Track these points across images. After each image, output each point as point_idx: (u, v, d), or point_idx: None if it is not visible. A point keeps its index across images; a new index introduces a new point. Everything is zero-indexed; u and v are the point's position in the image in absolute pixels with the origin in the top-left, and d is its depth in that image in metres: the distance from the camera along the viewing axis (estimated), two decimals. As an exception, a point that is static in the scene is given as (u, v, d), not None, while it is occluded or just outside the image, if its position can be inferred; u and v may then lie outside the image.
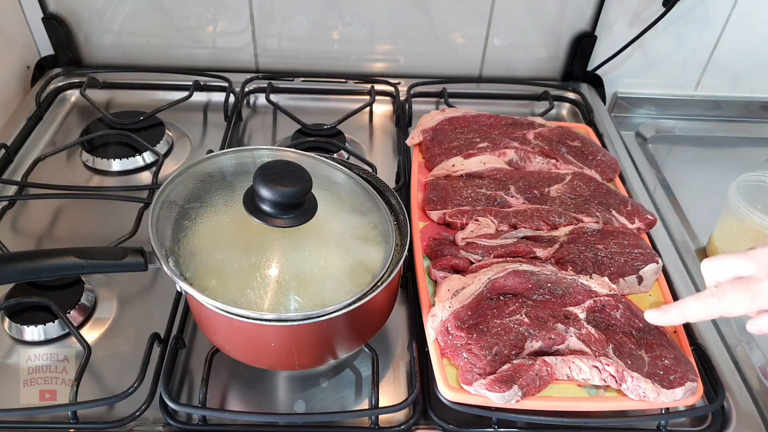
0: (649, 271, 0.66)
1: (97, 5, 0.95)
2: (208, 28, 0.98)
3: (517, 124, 0.86)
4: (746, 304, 0.49)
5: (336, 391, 0.60)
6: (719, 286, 0.50)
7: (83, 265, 0.51)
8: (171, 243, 0.53)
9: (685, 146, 1.01)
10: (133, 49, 1.00)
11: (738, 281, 0.49)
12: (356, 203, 0.59)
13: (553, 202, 0.73)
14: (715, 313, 0.50)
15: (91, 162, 0.84)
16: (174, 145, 0.89)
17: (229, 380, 0.60)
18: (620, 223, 0.72)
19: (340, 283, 0.52)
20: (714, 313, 0.50)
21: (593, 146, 0.84)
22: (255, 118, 0.96)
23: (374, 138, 0.94)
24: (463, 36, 1.00)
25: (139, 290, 0.68)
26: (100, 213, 0.77)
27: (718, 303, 0.49)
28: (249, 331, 0.53)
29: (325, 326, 0.51)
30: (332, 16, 0.97)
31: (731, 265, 0.50)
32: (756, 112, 1.06)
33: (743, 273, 0.49)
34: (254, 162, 0.59)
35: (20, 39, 0.96)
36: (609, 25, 0.98)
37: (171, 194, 0.56)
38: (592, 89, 1.03)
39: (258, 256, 0.53)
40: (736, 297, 0.49)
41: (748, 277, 0.48)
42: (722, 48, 0.99)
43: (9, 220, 0.75)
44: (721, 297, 0.49)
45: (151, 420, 0.56)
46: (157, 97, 0.95)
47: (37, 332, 0.62)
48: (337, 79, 1.00)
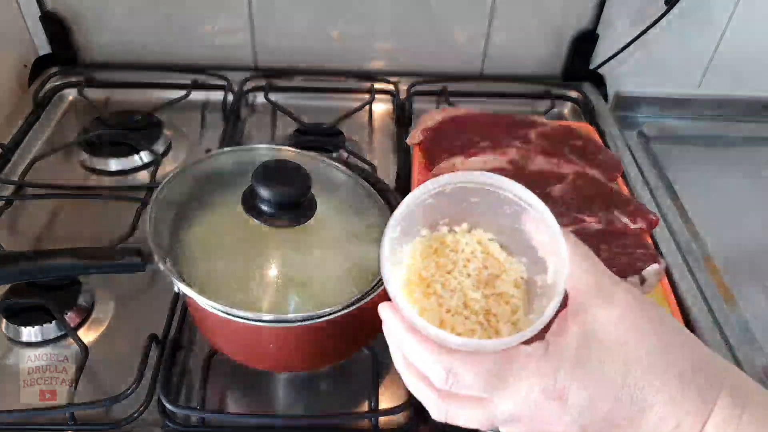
0: (652, 271, 0.65)
1: (95, 3, 0.95)
2: (206, 26, 0.97)
3: (518, 123, 0.85)
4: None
5: (335, 393, 0.60)
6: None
7: (81, 265, 0.51)
8: (169, 243, 0.52)
9: (688, 146, 1.00)
10: (131, 48, 0.99)
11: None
12: (356, 203, 0.59)
13: (554, 202, 0.73)
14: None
15: (88, 161, 0.83)
16: (172, 145, 0.88)
17: (228, 382, 0.60)
18: (622, 224, 0.72)
19: (340, 283, 0.52)
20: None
21: (595, 145, 0.83)
22: (254, 116, 0.96)
23: (374, 137, 0.93)
24: (464, 34, 0.99)
25: (137, 291, 0.68)
26: (98, 213, 0.77)
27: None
28: (247, 333, 0.52)
29: (325, 327, 0.51)
30: (332, 14, 0.97)
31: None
32: (759, 112, 1.05)
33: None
34: (253, 161, 0.58)
35: (17, 37, 0.96)
36: (611, 24, 0.97)
37: (169, 194, 0.55)
38: (594, 88, 1.02)
39: (257, 257, 0.52)
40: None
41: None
42: (725, 47, 0.99)
43: (6, 220, 0.74)
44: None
45: (150, 422, 0.56)
46: (155, 96, 0.95)
47: (35, 333, 0.61)
48: (337, 77, 1.00)
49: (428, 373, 0.36)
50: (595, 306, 0.35)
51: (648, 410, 0.33)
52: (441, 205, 0.40)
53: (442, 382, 0.35)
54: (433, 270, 0.40)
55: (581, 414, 0.34)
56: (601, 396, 0.33)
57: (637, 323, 0.35)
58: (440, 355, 0.35)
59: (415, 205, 0.39)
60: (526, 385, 0.34)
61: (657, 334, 0.35)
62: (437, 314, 0.38)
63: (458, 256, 0.40)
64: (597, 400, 0.33)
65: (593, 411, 0.34)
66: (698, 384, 0.33)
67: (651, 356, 0.34)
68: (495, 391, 0.34)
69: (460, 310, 0.38)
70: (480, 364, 0.34)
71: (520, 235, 0.39)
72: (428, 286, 0.39)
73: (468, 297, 0.38)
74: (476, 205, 0.40)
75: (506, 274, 0.40)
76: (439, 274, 0.39)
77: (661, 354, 0.34)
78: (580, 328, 0.35)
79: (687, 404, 0.33)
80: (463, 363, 0.34)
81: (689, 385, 0.33)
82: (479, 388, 0.35)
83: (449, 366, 0.34)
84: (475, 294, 0.38)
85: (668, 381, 0.33)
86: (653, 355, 0.34)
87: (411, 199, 0.39)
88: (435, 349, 0.35)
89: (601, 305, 0.35)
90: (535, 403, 0.34)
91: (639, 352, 0.34)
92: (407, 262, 0.40)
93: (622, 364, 0.33)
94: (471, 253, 0.40)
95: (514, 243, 0.41)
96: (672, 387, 0.33)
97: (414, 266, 0.40)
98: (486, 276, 0.39)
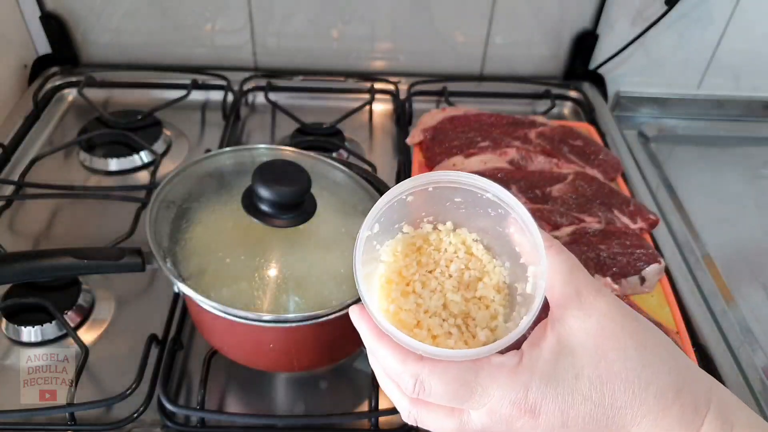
0: (652, 271, 0.65)
1: (95, 4, 0.94)
2: (206, 26, 0.97)
3: (518, 123, 0.85)
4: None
5: (335, 393, 0.60)
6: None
7: (80, 265, 0.51)
8: (169, 243, 0.52)
9: (688, 146, 1.00)
10: (130, 48, 0.99)
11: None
12: (356, 203, 0.59)
13: (554, 202, 0.73)
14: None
15: (88, 161, 0.83)
16: (172, 145, 0.88)
17: (228, 382, 0.60)
18: (622, 224, 0.72)
19: (340, 283, 0.52)
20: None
21: (595, 146, 0.83)
22: (253, 116, 0.96)
23: (374, 137, 0.93)
24: (464, 34, 0.99)
25: (137, 291, 0.68)
26: (98, 213, 0.76)
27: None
28: (247, 333, 0.52)
29: (325, 327, 0.51)
30: (332, 14, 0.96)
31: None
32: (758, 112, 1.05)
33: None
34: (253, 161, 0.58)
35: (17, 38, 0.96)
36: (611, 24, 0.97)
37: (169, 194, 0.55)
38: (594, 88, 1.02)
39: (256, 257, 0.52)
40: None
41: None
42: (725, 47, 0.99)
43: (6, 220, 0.74)
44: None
45: (149, 422, 0.56)
46: (155, 96, 0.95)
47: (35, 333, 0.61)
48: (337, 77, 1.00)
49: (396, 380, 0.34)
50: (573, 317, 0.33)
51: (626, 431, 0.32)
52: (425, 203, 0.39)
53: (409, 391, 0.33)
54: (415, 268, 0.38)
55: (553, 431, 0.32)
56: (575, 414, 0.32)
57: (618, 336, 0.33)
58: (407, 363, 0.33)
59: (394, 203, 0.38)
60: (496, 397, 0.32)
61: (638, 348, 0.33)
62: (414, 314, 0.37)
63: (441, 256, 0.39)
64: (570, 418, 0.32)
65: (566, 429, 0.32)
66: (682, 404, 0.32)
67: (630, 372, 0.32)
68: (464, 402, 0.33)
69: (439, 311, 0.37)
70: (448, 373, 0.32)
71: (503, 238, 0.38)
72: (408, 285, 0.38)
73: (447, 299, 0.37)
74: (460, 204, 0.39)
75: (488, 277, 0.38)
76: (420, 273, 0.38)
77: (641, 369, 0.32)
78: (556, 339, 0.33)
79: (668, 427, 0.32)
80: (431, 372, 0.33)
81: (671, 407, 0.32)
82: (448, 399, 0.33)
83: (416, 375, 0.33)
84: (455, 296, 0.37)
85: (647, 400, 0.31)
86: (633, 371, 0.32)
87: (388, 198, 0.37)
88: (402, 356, 0.33)
89: (580, 317, 0.33)
90: (505, 416, 0.32)
91: (617, 366, 0.32)
92: (387, 260, 0.39)
93: (599, 380, 0.32)
94: (454, 253, 0.39)
95: (498, 246, 0.39)
96: (652, 406, 0.31)
97: (395, 264, 0.38)
98: (468, 278, 0.38)
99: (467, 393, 0.32)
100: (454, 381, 0.32)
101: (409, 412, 0.35)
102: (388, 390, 0.36)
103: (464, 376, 0.32)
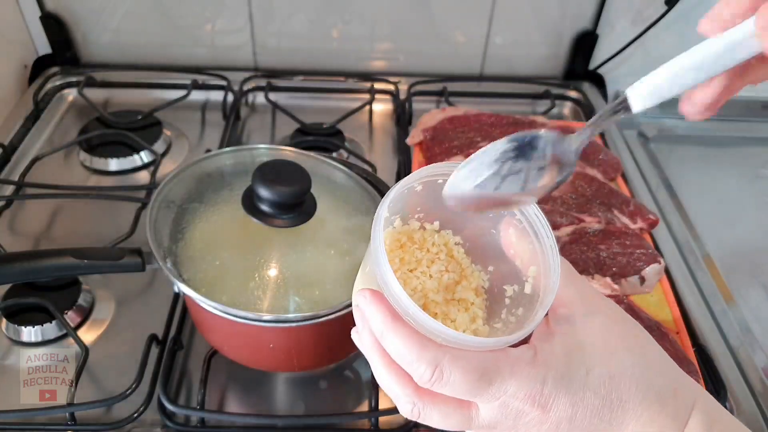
0: (652, 271, 0.65)
1: (95, 4, 0.95)
2: (206, 26, 0.97)
3: (518, 123, 0.85)
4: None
5: (335, 393, 0.60)
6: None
7: (81, 265, 0.51)
8: (169, 243, 0.52)
9: (688, 146, 1.00)
10: (131, 48, 0.99)
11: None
12: (356, 203, 0.59)
13: (554, 202, 0.73)
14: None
15: (88, 161, 0.83)
16: (172, 145, 0.88)
17: (228, 382, 0.60)
18: (622, 224, 0.72)
19: (340, 283, 0.52)
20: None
21: (595, 145, 0.83)
22: (254, 117, 0.96)
23: (374, 137, 0.93)
24: (464, 34, 0.99)
25: (137, 291, 0.68)
26: (98, 213, 0.77)
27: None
28: (247, 333, 0.52)
29: (325, 327, 0.51)
30: (332, 14, 0.96)
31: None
32: (757, 112, 1.05)
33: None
34: (253, 161, 0.58)
35: (18, 38, 0.96)
36: (611, 24, 0.97)
37: (169, 194, 0.55)
38: (594, 88, 1.02)
39: (257, 257, 0.52)
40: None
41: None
42: (725, 46, 0.99)
43: (6, 220, 0.74)
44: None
45: (149, 422, 0.56)
46: (155, 96, 0.95)
47: (35, 333, 0.61)
48: (337, 77, 1.00)
49: (410, 368, 0.32)
50: (580, 314, 0.34)
51: (624, 428, 0.32)
52: (419, 197, 0.37)
53: (425, 379, 0.32)
54: (397, 265, 0.37)
55: (559, 426, 0.32)
56: (583, 409, 0.32)
57: (623, 336, 0.34)
58: (427, 349, 0.31)
59: (405, 190, 0.36)
60: (511, 390, 0.32)
61: (640, 347, 0.34)
62: None
63: (423, 255, 0.38)
64: (578, 412, 0.32)
65: (572, 424, 0.32)
66: (674, 404, 0.33)
67: (635, 368, 0.33)
68: (479, 395, 0.32)
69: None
70: (470, 361, 0.31)
71: (492, 239, 0.37)
72: None
73: (428, 299, 0.36)
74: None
75: (467, 281, 0.38)
76: (401, 270, 0.37)
77: (644, 369, 0.33)
78: (567, 335, 0.33)
79: (663, 423, 0.32)
80: (452, 359, 0.31)
81: (666, 407, 0.33)
82: (464, 390, 0.32)
83: (437, 361, 0.31)
84: (436, 296, 0.36)
85: (647, 399, 0.32)
86: (637, 367, 0.33)
87: (403, 183, 0.36)
88: (422, 342, 0.32)
89: (587, 314, 0.34)
90: (517, 410, 0.32)
91: (625, 363, 0.33)
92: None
93: (608, 375, 0.32)
94: (436, 254, 0.38)
95: (484, 249, 0.38)
96: (651, 405, 0.32)
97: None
98: (446, 280, 0.37)
99: (485, 384, 0.31)
100: (475, 370, 0.31)
101: (413, 405, 0.34)
102: (387, 384, 0.35)
103: (485, 365, 0.31)
